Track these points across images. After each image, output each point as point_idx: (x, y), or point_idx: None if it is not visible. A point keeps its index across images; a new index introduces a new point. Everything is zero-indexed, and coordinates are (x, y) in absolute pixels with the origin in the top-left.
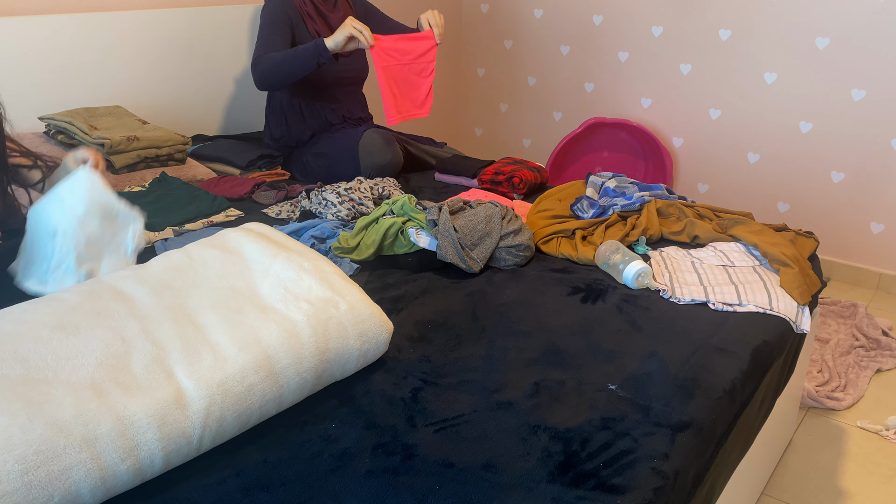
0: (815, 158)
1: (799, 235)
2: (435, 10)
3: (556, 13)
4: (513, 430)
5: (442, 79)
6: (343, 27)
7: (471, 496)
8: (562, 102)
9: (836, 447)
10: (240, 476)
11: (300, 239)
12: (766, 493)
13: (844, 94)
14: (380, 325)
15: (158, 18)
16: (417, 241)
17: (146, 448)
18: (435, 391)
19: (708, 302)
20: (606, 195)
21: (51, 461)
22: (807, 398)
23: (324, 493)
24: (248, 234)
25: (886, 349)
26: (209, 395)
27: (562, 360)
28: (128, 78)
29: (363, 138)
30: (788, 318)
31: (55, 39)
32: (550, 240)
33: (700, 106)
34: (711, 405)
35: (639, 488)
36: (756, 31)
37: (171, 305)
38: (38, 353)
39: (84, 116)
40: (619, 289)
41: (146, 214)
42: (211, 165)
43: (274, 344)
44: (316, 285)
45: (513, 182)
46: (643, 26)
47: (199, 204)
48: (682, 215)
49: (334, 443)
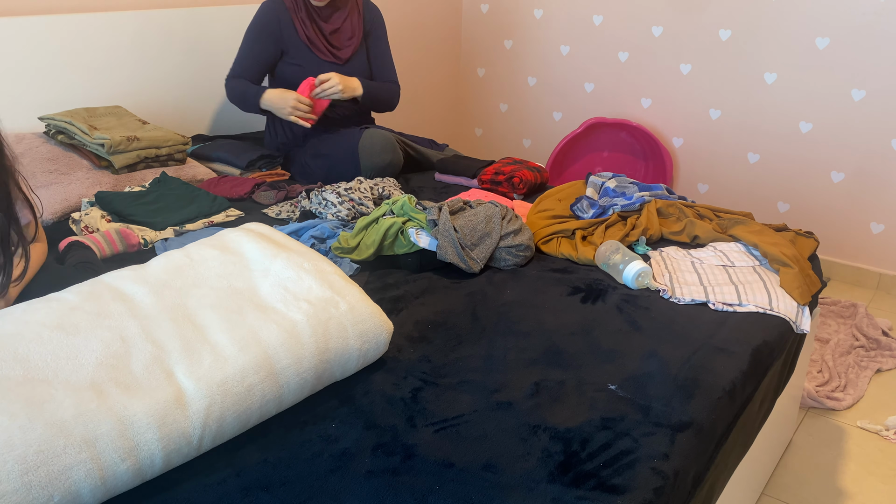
0: (815, 158)
1: (799, 235)
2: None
3: (556, 13)
4: (513, 430)
5: (442, 79)
6: (285, 103)
7: (471, 496)
8: (562, 102)
9: (836, 447)
10: (240, 476)
11: (300, 239)
12: (766, 493)
13: (844, 94)
14: (380, 325)
15: (158, 18)
16: (417, 242)
17: (146, 448)
18: (435, 391)
19: (708, 302)
20: (606, 195)
21: (51, 461)
22: (807, 398)
23: (324, 493)
24: (248, 234)
25: (886, 349)
26: (209, 396)
27: (562, 360)
28: (128, 78)
29: (363, 139)
30: (788, 318)
31: (55, 39)
32: (550, 240)
33: (700, 106)
34: (711, 405)
35: (639, 488)
36: (756, 31)
37: (171, 305)
38: (38, 353)
39: (84, 116)
40: (619, 289)
41: (146, 214)
42: (211, 165)
43: (274, 344)
44: (316, 285)
45: (513, 182)
46: (643, 26)
47: (199, 204)
48: (682, 215)
49: (334, 443)
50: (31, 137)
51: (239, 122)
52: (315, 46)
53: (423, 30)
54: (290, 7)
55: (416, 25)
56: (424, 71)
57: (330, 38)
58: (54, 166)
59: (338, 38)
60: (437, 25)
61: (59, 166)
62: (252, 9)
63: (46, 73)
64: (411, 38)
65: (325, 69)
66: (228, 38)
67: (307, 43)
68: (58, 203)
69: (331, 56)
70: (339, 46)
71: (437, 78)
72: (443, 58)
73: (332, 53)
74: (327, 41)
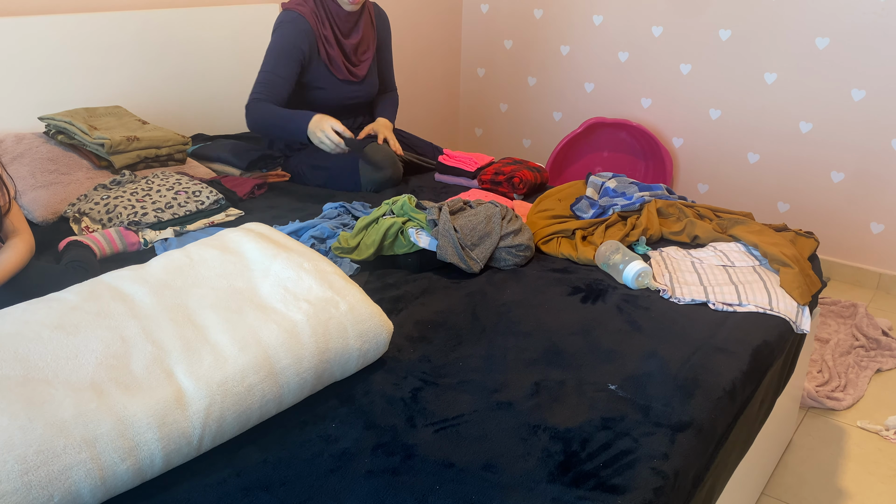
0: (815, 158)
1: (799, 235)
2: (390, 127)
3: (556, 13)
4: (513, 430)
5: (442, 79)
6: (321, 128)
7: (471, 496)
8: (562, 102)
9: (836, 447)
10: (240, 476)
11: (300, 239)
12: (766, 493)
13: (844, 94)
14: (380, 326)
15: (158, 18)
16: (417, 242)
17: (146, 448)
18: (435, 391)
19: (708, 302)
20: (606, 195)
21: (51, 461)
22: (807, 398)
23: (324, 493)
24: (248, 234)
25: (886, 349)
26: (209, 395)
27: (562, 360)
28: (128, 78)
29: (365, 154)
30: (788, 318)
31: (55, 39)
32: (550, 240)
33: (700, 106)
34: (711, 405)
35: (639, 488)
36: (756, 31)
37: (171, 305)
38: (38, 353)
39: (84, 116)
40: (619, 289)
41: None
42: (211, 165)
43: (274, 344)
44: (316, 285)
45: (513, 182)
46: (643, 26)
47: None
48: (682, 215)
49: (334, 443)
50: (31, 137)
51: (239, 122)
52: (335, 66)
53: (423, 30)
54: (314, 24)
55: (416, 25)
56: (424, 71)
57: (349, 56)
58: (54, 166)
59: (356, 55)
60: (437, 25)
61: (59, 166)
62: (252, 9)
63: (46, 73)
64: (411, 38)
65: (343, 89)
66: (228, 38)
67: (327, 62)
68: (58, 203)
69: (348, 75)
70: (357, 63)
71: (437, 78)
72: (443, 58)
73: (350, 72)
74: (346, 59)
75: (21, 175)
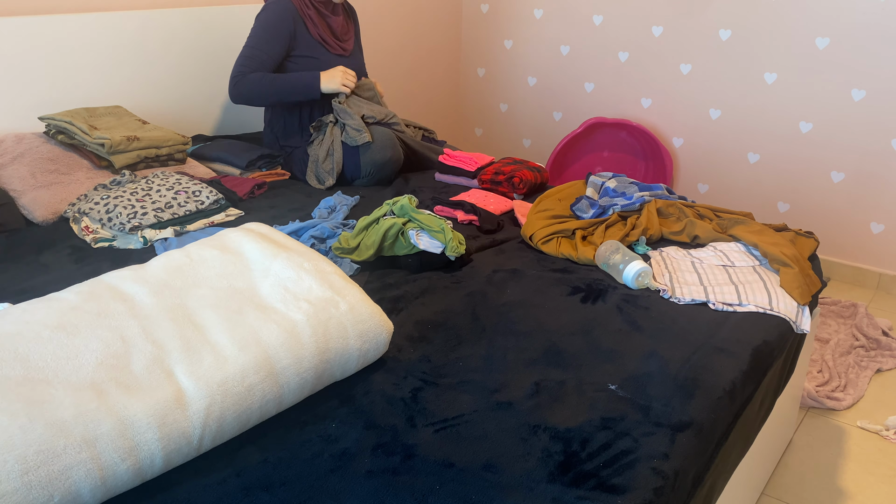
0: (815, 158)
1: (799, 235)
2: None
3: (556, 13)
4: (513, 430)
5: (442, 79)
6: (334, 77)
7: (471, 496)
8: (562, 102)
9: (836, 447)
10: (240, 476)
11: (300, 239)
12: (766, 493)
13: (844, 94)
14: (380, 325)
15: (158, 18)
16: (417, 244)
17: (146, 448)
18: (435, 391)
19: (708, 302)
20: (606, 195)
21: (51, 461)
22: (807, 398)
23: (324, 493)
24: (248, 234)
25: (886, 349)
26: (209, 395)
27: (562, 360)
28: (128, 78)
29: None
30: (788, 318)
31: (55, 39)
32: (550, 240)
33: (700, 106)
34: (711, 405)
35: (639, 488)
36: (756, 31)
37: (171, 305)
38: (38, 353)
39: (84, 116)
40: (619, 289)
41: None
42: (211, 165)
43: (274, 344)
44: (316, 285)
45: (513, 182)
46: (643, 26)
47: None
48: (682, 215)
49: (334, 443)
50: (31, 137)
51: (239, 122)
52: (327, 44)
53: (423, 30)
54: (300, 7)
55: (416, 25)
56: (424, 71)
57: (336, 33)
58: (54, 166)
59: (342, 33)
60: (437, 25)
61: (59, 166)
62: (251, 9)
63: (46, 73)
64: (411, 38)
65: (335, 62)
66: (228, 38)
67: (320, 41)
68: (58, 203)
69: (340, 50)
70: (344, 40)
71: (437, 78)
72: (443, 58)
73: (341, 47)
74: (335, 36)
75: (21, 175)
